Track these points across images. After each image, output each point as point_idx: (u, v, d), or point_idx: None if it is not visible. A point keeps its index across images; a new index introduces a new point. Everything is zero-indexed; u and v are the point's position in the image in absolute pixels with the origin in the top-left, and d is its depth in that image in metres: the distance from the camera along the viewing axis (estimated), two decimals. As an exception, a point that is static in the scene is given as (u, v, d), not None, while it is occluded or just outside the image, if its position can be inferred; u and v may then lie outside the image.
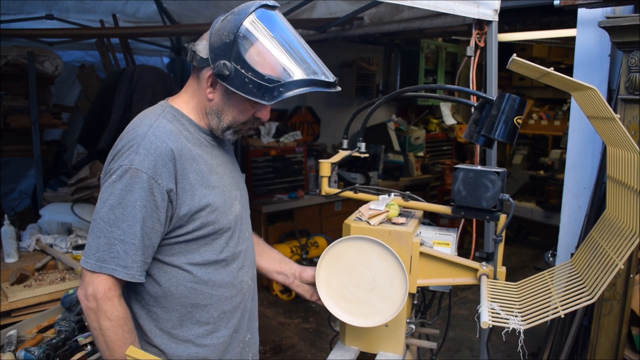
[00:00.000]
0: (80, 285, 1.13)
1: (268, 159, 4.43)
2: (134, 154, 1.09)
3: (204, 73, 1.16)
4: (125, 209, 1.08)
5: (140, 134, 1.11)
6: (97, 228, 1.10)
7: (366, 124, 1.73)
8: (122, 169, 1.09)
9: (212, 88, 1.17)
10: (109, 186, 1.10)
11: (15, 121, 3.14)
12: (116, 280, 1.10)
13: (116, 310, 1.11)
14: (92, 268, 1.09)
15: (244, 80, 1.08)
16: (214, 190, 1.20)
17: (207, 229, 1.19)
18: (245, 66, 1.07)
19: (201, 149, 1.21)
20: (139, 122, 1.16)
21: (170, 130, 1.15)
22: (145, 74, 3.27)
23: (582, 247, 1.34)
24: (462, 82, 2.53)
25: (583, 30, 2.13)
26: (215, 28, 1.12)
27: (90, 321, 1.11)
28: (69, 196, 2.99)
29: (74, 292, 2.07)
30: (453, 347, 3.45)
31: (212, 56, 1.10)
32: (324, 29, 3.46)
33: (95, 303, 1.09)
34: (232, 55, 1.07)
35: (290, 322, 3.81)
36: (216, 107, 1.19)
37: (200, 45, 1.15)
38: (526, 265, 5.08)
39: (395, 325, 1.48)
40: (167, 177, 1.10)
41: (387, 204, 1.48)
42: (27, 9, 3.27)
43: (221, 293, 1.26)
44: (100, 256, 1.09)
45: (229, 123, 1.20)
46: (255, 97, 1.09)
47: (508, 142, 1.39)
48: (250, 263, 1.38)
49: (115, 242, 1.09)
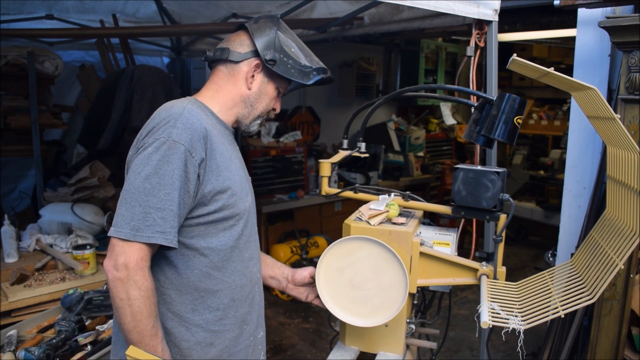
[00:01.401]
0: (108, 256, 1.12)
1: (268, 159, 4.43)
2: (171, 127, 1.14)
3: (242, 66, 1.31)
4: (163, 178, 1.11)
5: (175, 112, 1.18)
6: (131, 198, 1.11)
7: (366, 124, 1.73)
8: (160, 141, 1.13)
9: (252, 78, 1.32)
10: (145, 158, 1.12)
11: (15, 121, 3.15)
12: (149, 250, 1.12)
13: (146, 281, 1.11)
14: (126, 237, 1.09)
15: (287, 66, 1.30)
16: (234, 176, 1.26)
17: (227, 212, 1.24)
18: (286, 55, 1.30)
19: (224, 138, 1.29)
20: (170, 106, 1.22)
21: (201, 115, 1.22)
22: (145, 74, 3.28)
23: (582, 247, 1.34)
24: (462, 82, 2.53)
25: (583, 30, 2.13)
26: (254, 28, 1.31)
27: (117, 292, 1.11)
28: (69, 196, 2.99)
29: (74, 292, 2.07)
30: (453, 347, 3.45)
31: (260, 48, 1.29)
32: (324, 29, 3.46)
33: (125, 272, 1.09)
34: (276, 47, 1.29)
35: (290, 322, 3.81)
36: (253, 95, 1.33)
37: (234, 43, 1.32)
38: (526, 265, 5.08)
39: (395, 325, 1.48)
40: (200, 152, 1.16)
41: (387, 204, 1.48)
42: (27, 9, 3.26)
43: (232, 280, 1.29)
44: (135, 225, 1.10)
45: (261, 111, 1.36)
46: (298, 78, 1.31)
47: (508, 142, 1.39)
48: (257, 257, 1.42)
49: (152, 210, 1.10)
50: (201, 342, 1.25)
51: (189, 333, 1.24)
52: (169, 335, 1.23)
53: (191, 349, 1.25)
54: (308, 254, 4.23)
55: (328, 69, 1.37)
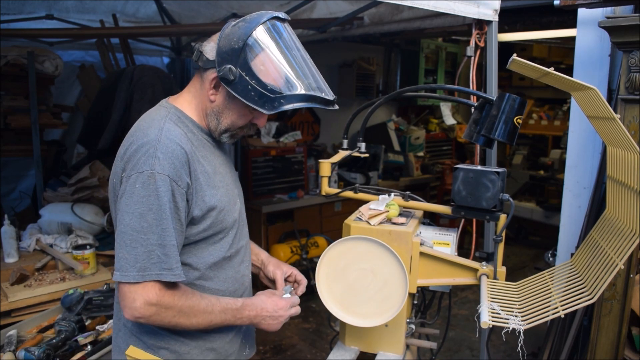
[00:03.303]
0: (123, 305, 1.09)
1: (268, 159, 4.42)
2: (152, 158, 1.08)
3: (209, 74, 1.18)
4: (157, 214, 1.08)
5: (153, 138, 1.11)
6: (130, 239, 1.08)
7: (366, 124, 1.73)
8: (144, 175, 1.08)
9: (214, 90, 1.19)
10: (134, 195, 1.08)
11: (15, 121, 3.14)
12: (162, 284, 1.10)
13: (174, 299, 1.11)
14: (135, 279, 1.07)
15: (246, 87, 1.10)
16: (219, 190, 1.22)
17: (216, 228, 1.22)
18: (250, 74, 1.10)
19: (205, 149, 1.23)
20: (147, 125, 1.16)
21: (179, 133, 1.16)
22: (145, 74, 3.27)
23: (582, 247, 1.34)
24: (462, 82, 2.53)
25: (583, 30, 2.13)
26: (226, 32, 1.14)
27: (161, 324, 1.12)
28: (69, 196, 2.99)
29: (74, 292, 2.07)
30: (453, 347, 3.45)
31: (219, 59, 1.12)
32: (324, 29, 3.45)
33: (154, 308, 1.08)
34: (239, 62, 1.10)
35: (290, 322, 3.81)
36: (217, 109, 1.21)
37: (208, 46, 1.17)
38: (526, 265, 5.08)
39: (395, 325, 1.48)
40: (185, 178, 1.12)
41: (387, 204, 1.48)
42: (27, 9, 3.26)
43: (226, 287, 1.28)
44: (142, 266, 1.07)
45: (227, 126, 1.22)
46: (256, 105, 1.11)
47: (508, 142, 1.39)
48: (248, 257, 1.42)
49: (154, 248, 1.08)
50: (200, 346, 1.26)
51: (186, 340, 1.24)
52: (165, 344, 1.22)
53: (190, 353, 1.25)
54: (308, 254, 4.23)
55: (324, 95, 1.15)
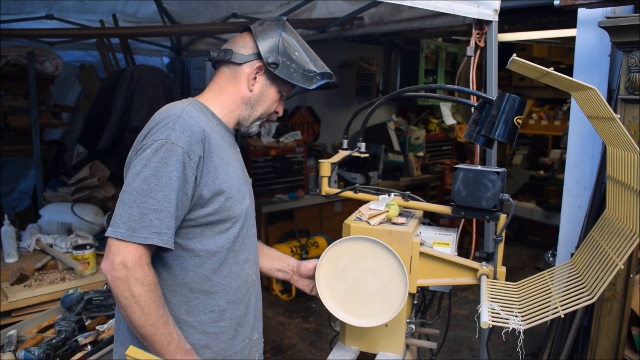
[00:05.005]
0: (105, 257, 1.12)
1: (268, 159, 4.43)
2: (169, 129, 1.15)
3: (244, 68, 1.32)
4: (160, 180, 1.12)
5: (174, 113, 1.19)
6: (129, 199, 1.12)
7: (366, 124, 1.73)
8: (158, 143, 1.14)
9: (254, 80, 1.32)
10: (143, 160, 1.13)
11: (15, 121, 3.15)
12: (146, 250, 1.12)
13: (147, 276, 1.12)
14: (122, 237, 1.10)
15: (289, 70, 1.30)
16: (231, 179, 1.26)
17: (222, 215, 1.24)
18: (290, 59, 1.30)
19: (223, 141, 1.30)
20: (170, 107, 1.23)
21: (202, 117, 1.24)
22: (145, 74, 3.28)
23: (582, 247, 1.34)
24: (462, 82, 2.53)
25: (583, 30, 2.13)
26: (259, 30, 1.32)
27: (119, 291, 1.10)
28: (69, 196, 2.99)
29: (74, 292, 2.07)
30: (453, 347, 3.45)
31: (263, 51, 1.29)
32: (324, 29, 3.46)
33: (125, 271, 1.09)
34: (279, 51, 1.29)
35: (290, 322, 3.81)
36: (254, 97, 1.34)
37: (238, 45, 1.32)
38: (526, 265, 5.08)
39: (395, 325, 1.48)
40: (198, 154, 1.17)
41: (387, 204, 1.48)
42: (27, 9, 3.26)
43: (227, 282, 1.29)
44: (132, 225, 1.10)
45: (261, 113, 1.36)
46: (300, 82, 1.30)
47: (508, 142, 1.39)
48: (254, 259, 1.42)
49: (148, 211, 1.11)
50: (195, 343, 1.25)
51: (184, 334, 1.23)
52: None
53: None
54: (308, 254, 4.23)
55: (333, 73, 1.37)
